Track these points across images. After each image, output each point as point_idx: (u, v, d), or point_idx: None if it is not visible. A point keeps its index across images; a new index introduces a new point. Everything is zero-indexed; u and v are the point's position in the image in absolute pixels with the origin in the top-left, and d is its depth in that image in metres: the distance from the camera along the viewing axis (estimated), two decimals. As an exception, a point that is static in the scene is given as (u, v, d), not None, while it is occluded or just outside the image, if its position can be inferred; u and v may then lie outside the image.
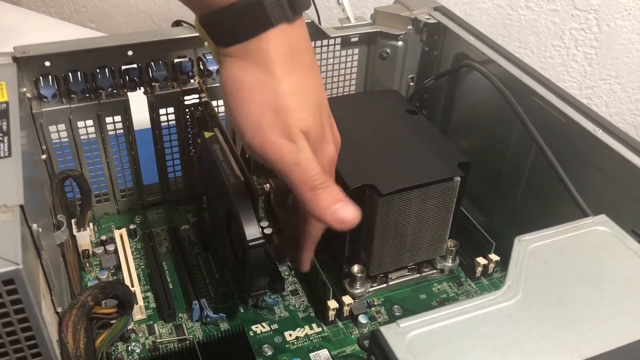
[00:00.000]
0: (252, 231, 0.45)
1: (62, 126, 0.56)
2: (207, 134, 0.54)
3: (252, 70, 0.38)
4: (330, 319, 0.53)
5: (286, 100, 0.38)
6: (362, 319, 0.53)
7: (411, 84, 0.68)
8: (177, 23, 0.60)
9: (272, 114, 0.38)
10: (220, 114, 0.60)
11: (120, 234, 0.59)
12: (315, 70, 0.41)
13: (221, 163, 0.49)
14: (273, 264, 0.57)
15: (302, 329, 0.53)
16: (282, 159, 0.39)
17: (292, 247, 0.51)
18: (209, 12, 0.38)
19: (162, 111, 0.60)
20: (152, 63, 0.57)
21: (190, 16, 0.43)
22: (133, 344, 0.51)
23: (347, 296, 0.53)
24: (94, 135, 0.58)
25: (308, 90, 0.40)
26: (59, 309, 0.43)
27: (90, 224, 0.60)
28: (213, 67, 0.58)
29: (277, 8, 0.37)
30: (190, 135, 0.62)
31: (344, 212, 0.40)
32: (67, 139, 0.57)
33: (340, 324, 0.54)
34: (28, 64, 0.52)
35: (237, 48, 0.38)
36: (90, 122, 0.57)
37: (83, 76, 0.54)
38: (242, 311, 0.55)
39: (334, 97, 0.68)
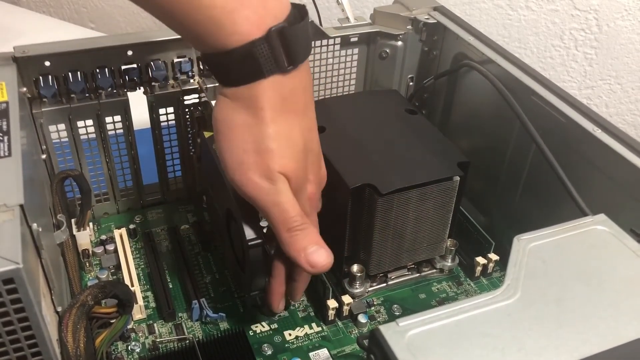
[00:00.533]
0: (252, 231, 0.45)
1: (62, 126, 0.56)
2: (207, 134, 0.54)
3: (242, 113, 0.39)
4: (329, 319, 0.53)
5: (269, 144, 0.39)
6: (362, 319, 0.53)
7: (411, 83, 0.68)
8: None
9: (254, 155, 0.39)
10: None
11: (120, 234, 0.59)
12: (305, 115, 0.42)
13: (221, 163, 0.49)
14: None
15: (302, 329, 0.53)
16: (260, 198, 0.41)
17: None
18: (209, 51, 0.38)
19: (161, 111, 0.60)
20: (152, 63, 0.57)
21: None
22: (133, 343, 0.51)
23: (347, 296, 0.54)
24: (93, 135, 0.58)
25: (294, 135, 0.41)
26: (59, 309, 0.43)
27: (90, 224, 0.60)
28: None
29: (271, 61, 0.38)
30: (190, 135, 0.62)
31: (316, 256, 0.41)
32: (67, 139, 0.57)
33: (339, 323, 0.54)
34: (28, 64, 0.52)
35: (231, 90, 0.39)
36: (90, 122, 0.57)
37: (83, 76, 0.55)
38: (241, 311, 0.55)
39: (333, 97, 0.68)
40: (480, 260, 0.57)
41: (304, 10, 0.39)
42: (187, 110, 0.61)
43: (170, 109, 0.60)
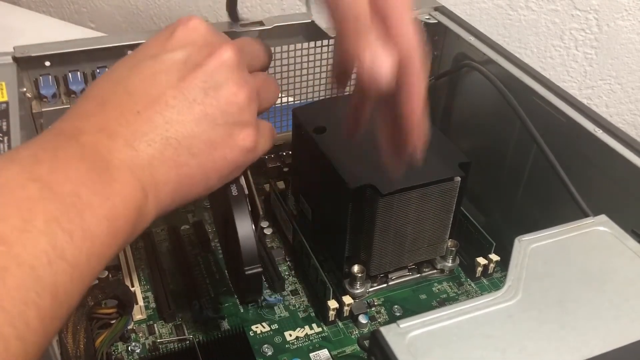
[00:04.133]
0: (251, 257, 0.42)
1: (62, 126, 0.56)
2: None
3: None
4: (330, 319, 0.53)
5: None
6: (362, 319, 0.53)
7: (411, 84, 0.68)
8: None
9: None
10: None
11: (120, 234, 0.59)
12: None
13: None
14: (273, 263, 0.57)
15: (302, 329, 0.53)
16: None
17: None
18: None
19: (162, 111, 0.60)
20: (152, 63, 0.57)
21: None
22: (133, 344, 0.51)
23: (347, 296, 0.53)
24: (94, 135, 0.58)
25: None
26: (59, 309, 0.43)
27: (90, 224, 0.60)
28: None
29: None
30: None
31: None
32: (67, 139, 0.57)
33: (340, 324, 0.54)
34: (28, 63, 0.52)
35: None
36: (90, 122, 0.57)
37: (83, 76, 0.54)
38: (242, 311, 0.55)
39: (334, 97, 0.68)
40: (481, 260, 0.57)
41: None
42: (187, 110, 0.60)
43: (171, 109, 0.60)
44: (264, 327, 0.53)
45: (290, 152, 0.66)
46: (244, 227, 0.42)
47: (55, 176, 0.27)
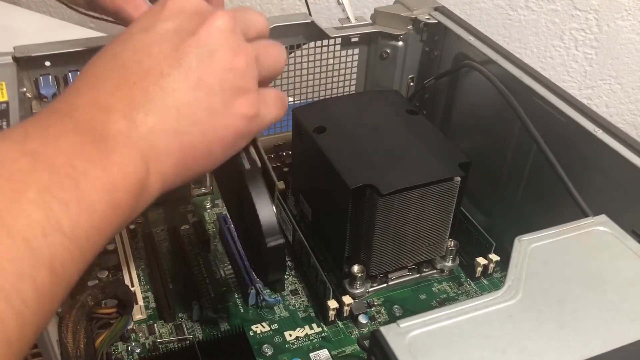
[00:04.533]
0: (271, 228, 0.40)
1: (62, 126, 0.56)
2: None
3: None
4: (330, 319, 0.53)
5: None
6: (362, 319, 0.53)
7: (411, 84, 0.68)
8: None
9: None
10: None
11: (120, 234, 0.59)
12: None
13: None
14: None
15: (302, 329, 0.53)
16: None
17: None
18: None
19: (162, 111, 0.60)
20: (152, 63, 0.57)
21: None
22: (133, 343, 0.51)
23: (347, 296, 0.53)
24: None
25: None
26: (59, 309, 0.43)
27: (90, 224, 0.60)
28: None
29: None
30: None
31: None
32: (67, 139, 0.57)
33: (340, 323, 0.54)
34: (28, 63, 0.52)
35: None
36: (90, 122, 0.57)
37: (83, 76, 0.54)
38: (242, 311, 0.55)
39: (334, 97, 0.68)
40: (481, 260, 0.57)
41: None
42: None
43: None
44: (264, 327, 0.53)
45: (290, 152, 0.66)
46: (261, 199, 0.40)
47: (47, 149, 0.26)
